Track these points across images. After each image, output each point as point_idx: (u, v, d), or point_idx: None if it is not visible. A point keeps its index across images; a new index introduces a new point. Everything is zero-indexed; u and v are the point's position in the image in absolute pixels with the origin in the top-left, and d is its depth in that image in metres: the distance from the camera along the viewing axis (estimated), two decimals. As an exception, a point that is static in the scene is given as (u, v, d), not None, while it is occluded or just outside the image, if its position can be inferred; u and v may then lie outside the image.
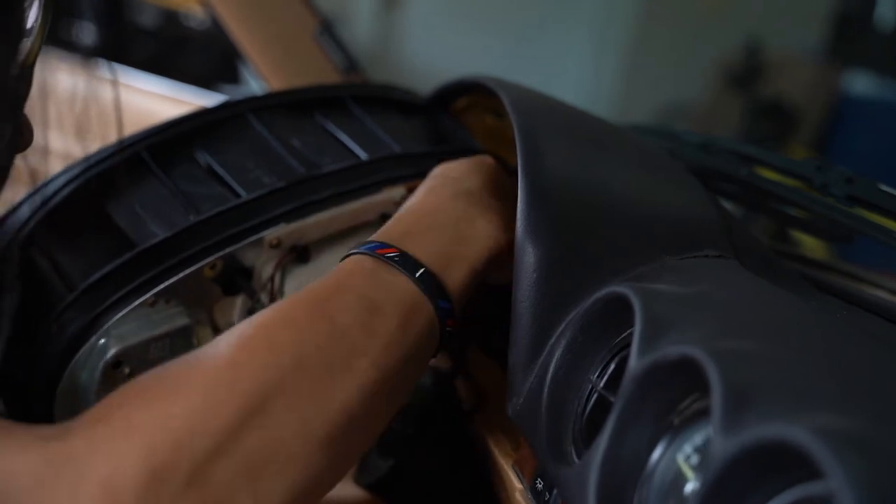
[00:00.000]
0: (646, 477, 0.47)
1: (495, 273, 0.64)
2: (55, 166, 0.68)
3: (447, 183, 0.65)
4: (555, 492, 0.55)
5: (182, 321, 0.64)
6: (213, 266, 0.65)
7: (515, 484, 0.61)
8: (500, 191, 0.67)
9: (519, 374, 0.59)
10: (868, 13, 3.28)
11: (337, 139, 0.77)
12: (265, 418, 0.45)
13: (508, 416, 0.61)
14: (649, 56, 3.17)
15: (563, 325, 0.59)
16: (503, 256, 0.62)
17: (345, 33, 1.24)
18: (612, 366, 0.54)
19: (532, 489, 0.58)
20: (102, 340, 0.62)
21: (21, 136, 0.51)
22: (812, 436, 0.35)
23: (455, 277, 0.58)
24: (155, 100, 1.53)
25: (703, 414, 0.45)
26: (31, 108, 0.51)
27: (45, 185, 0.67)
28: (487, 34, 3.21)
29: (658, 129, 0.99)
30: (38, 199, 0.66)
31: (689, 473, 0.45)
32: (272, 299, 0.68)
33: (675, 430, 0.47)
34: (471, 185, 0.65)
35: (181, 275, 0.63)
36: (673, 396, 0.47)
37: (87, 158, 0.68)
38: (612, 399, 0.50)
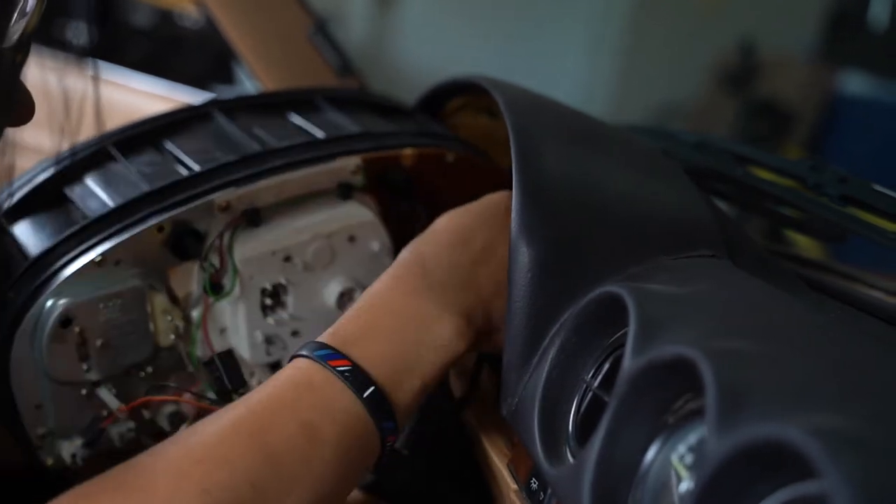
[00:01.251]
0: (640, 477, 0.47)
1: (483, 346, 0.64)
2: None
3: (414, 272, 0.61)
4: (549, 491, 0.55)
5: (132, 282, 0.66)
6: (160, 228, 0.66)
7: (510, 484, 0.61)
8: (490, 252, 0.63)
9: (513, 373, 0.59)
10: (862, 13, 3.28)
11: (301, 128, 0.78)
12: None
13: (503, 415, 0.61)
14: (644, 55, 3.17)
15: (557, 325, 0.59)
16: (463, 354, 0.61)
17: (339, 33, 1.24)
18: (607, 365, 0.55)
19: (527, 489, 0.58)
20: (51, 301, 0.64)
21: (23, 106, 0.51)
22: (806, 435, 0.35)
23: (405, 394, 0.57)
24: (148, 99, 1.53)
25: (697, 413, 0.45)
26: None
27: (15, 181, 0.69)
28: (482, 34, 3.21)
29: (653, 129, 0.99)
30: (5, 193, 0.69)
31: (684, 473, 0.45)
32: (221, 261, 0.69)
33: (669, 430, 0.47)
34: (440, 274, 0.61)
35: (127, 235, 0.65)
36: (667, 396, 0.47)
37: (57, 155, 0.70)
38: (606, 399, 0.50)
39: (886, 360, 0.47)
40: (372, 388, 0.55)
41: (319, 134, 0.76)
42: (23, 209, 0.69)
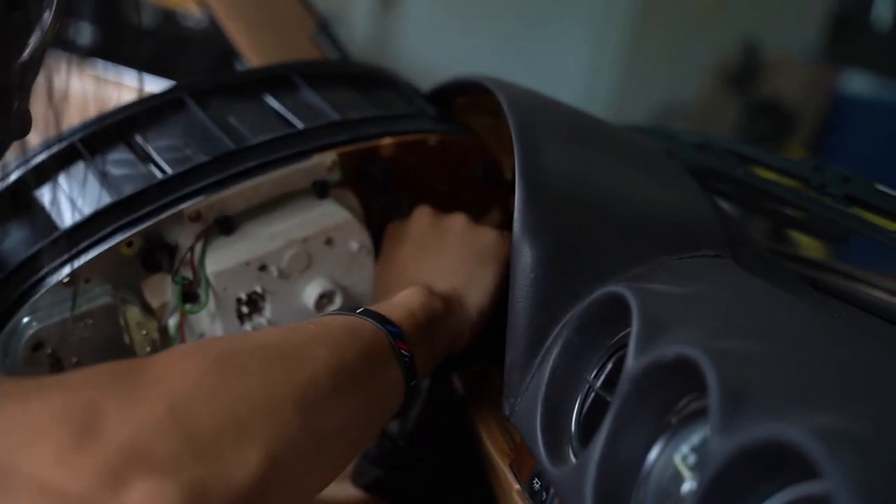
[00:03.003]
0: (643, 477, 0.47)
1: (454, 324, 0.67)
2: None
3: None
4: (552, 492, 0.55)
5: (102, 300, 0.64)
6: (129, 244, 0.64)
7: (512, 484, 0.61)
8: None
9: (516, 374, 0.60)
10: (865, 13, 3.28)
11: (277, 113, 0.75)
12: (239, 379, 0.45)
13: (505, 416, 0.61)
14: (646, 55, 3.17)
15: (560, 325, 0.59)
16: (449, 310, 0.66)
17: (342, 33, 1.24)
18: (610, 366, 0.55)
19: (529, 489, 0.58)
20: (24, 320, 0.62)
21: (23, 123, 0.51)
22: (809, 435, 0.35)
23: (396, 316, 0.61)
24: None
25: (700, 414, 0.45)
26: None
27: None
28: (485, 34, 3.21)
29: (655, 129, 0.99)
30: None
31: (686, 473, 0.45)
32: (194, 273, 0.67)
33: (672, 430, 0.47)
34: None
35: (95, 252, 0.63)
36: (670, 396, 0.47)
37: (24, 155, 0.68)
38: (609, 399, 0.50)
39: (889, 360, 0.47)
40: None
41: (297, 123, 0.73)
42: None
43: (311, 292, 0.71)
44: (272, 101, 0.76)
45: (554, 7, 3.25)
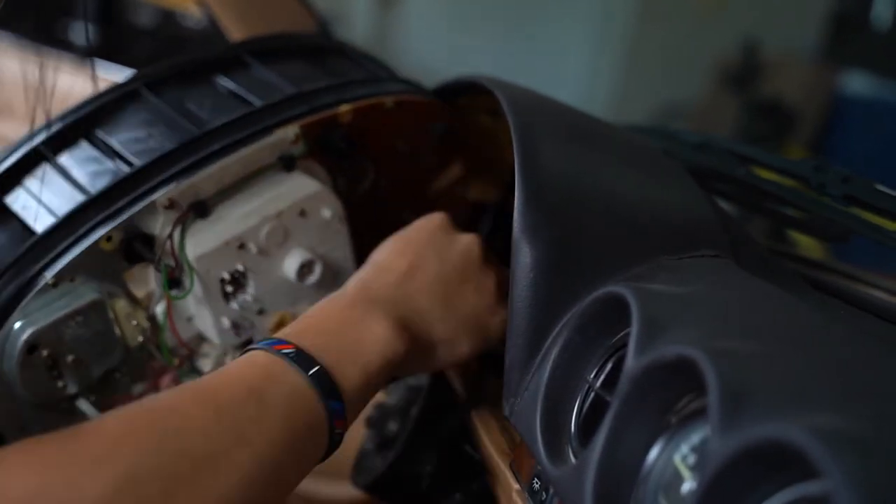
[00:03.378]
0: (643, 477, 0.47)
1: (428, 362, 0.66)
2: None
3: (354, 292, 0.64)
4: (551, 492, 0.55)
5: (90, 296, 0.65)
6: (108, 238, 0.65)
7: (512, 484, 0.61)
8: (415, 270, 0.66)
9: (516, 374, 0.59)
10: (865, 13, 3.28)
11: (233, 94, 0.76)
12: (140, 500, 0.45)
13: (505, 416, 0.61)
14: (646, 55, 3.17)
15: (559, 325, 0.59)
16: (408, 359, 0.62)
17: (342, 32, 1.24)
18: (609, 366, 0.55)
19: (529, 489, 0.58)
20: (17, 325, 0.63)
21: None
22: (809, 435, 0.35)
23: (349, 381, 0.57)
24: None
25: (700, 414, 0.45)
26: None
27: None
28: (484, 33, 3.21)
29: (655, 129, 0.99)
30: None
31: (686, 473, 0.45)
32: (175, 260, 0.68)
33: (672, 430, 0.47)
34: (375, 292, 0.64)
35: (77, 251, 0.64)
36: (670, 396, 0.47)
37: None
38: (608, 399, 0.50)
39: (889, 360, 0.47)
40: (317, 367, 0.56)
41: (254, 101, 0.74)
42: None
43: (291, 264, 0.73)
44: (227, 83, 0.77)
45: (554, 7, 3.25)
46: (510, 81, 0.77)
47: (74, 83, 0.72)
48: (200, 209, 0.69)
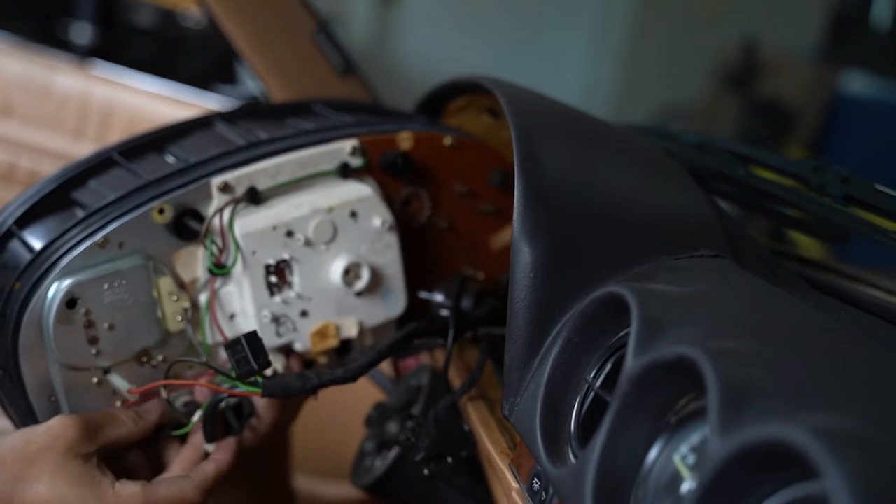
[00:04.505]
0: (642, 476, 0.47)
1: None
2: (51, 167, 0.70)
3: None
4: (551, 491, 0.55)
5: (135, 261, 0.68)
6: (161, 211, 0.68)
7: (512, 483, 0.61)
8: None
9: (516, 373, 0.60)
10: (865, 13, 3.28)
11: (299, 124, 0.80)
12: None
13: (505, 416, 0.61)
14: (646, 56, 3.17)
15: (559, 325, 0.59)
16: None
17: (342, 33, 1.24)
18: (609, 365, 0.55)
19: (528, 489, 0.58)
20: (56, 284, 0.65)
21: None
22: (809, 435, 0.35)
23: None
24: (152, 100, 1.53)
25: (699, 413, 0.45)
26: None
27: (24, 192, 0.71)
28: (485, 34, 3.21)
29: (655, 129, 0.99)
30: (19, 199, 0.70)
31: (686, 473, 0.45)
32: (223, 238, 0.70)
33: (671, 430, 0.47)
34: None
35: (129, 217, 0.67)
36: (669, 396, 0.47)
37: (66, 166, 0.72)
38: (608, 399, 0.50)
39: (889, 360, 0.47)
40: None
41: (311, 127, 0.78)
42: (32, 215, 0.70)
43: (337, 265, 0.75)
44: (294, 121, 0.81)
45: (554, 7, 3.25)
46: (510, 81, 0.77)
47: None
48: (254, 196, 0.72)
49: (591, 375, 0.55)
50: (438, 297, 0.79)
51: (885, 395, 0.43)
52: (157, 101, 1.54)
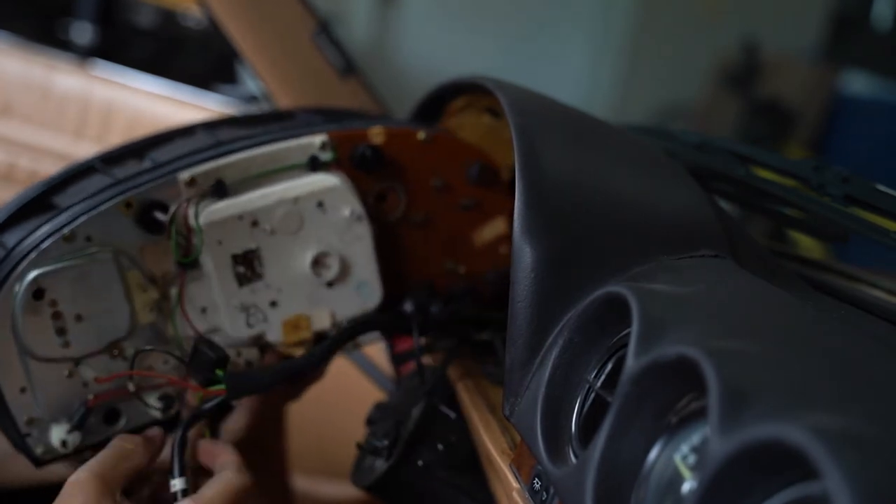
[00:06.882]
0: (643, 477, 0.47)
1: None
2: (51, 167, 0.71)
3: None
4: (552, 492, 0.55)
5: (101, 255, 0.68)
6: (128, 205, 0.69)
7: (513, 483, 0.61)
8: None
9: (516, 373, 0.60)
10: (865, 13, 3.28)
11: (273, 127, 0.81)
12: None
13: (505, 416, 0.61)
14: (647, 56, 3.17)
15: (560, 325, 0.59)
16: None
17: (342, 33, 1.24)
18: (610, 365, 0.55)
19: (529, 489, 0.58)
20: (24, 276, 0.66)
21: None
22: (809, 435, 0.35)
23: None
24: (152, 100, 1.53)
25: (700, 413, 0.45)
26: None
27: (7, 202, 0.72)
28: (485, 34, 3.21)
29: (655, 129, 0.99)
30: (3, 208, 0.72)
31: (687, 473, 0.45)
32: (188, 229, 0.71)
33: (672, 430, 0.47)
34: None
35: (95, 212, 0.68)
36: (670, 396, 0.47)
37: (49, 177, 0.74)
38: (609, 399, 0.50)
39: (889, 360, 0.47)
40: None
41: (289, 125, 0.79)
42: (13, 220, 0.71)
43: (306, 255, 0.75)
44: (272, 125, 0.81)
45: (554, 7, 3.25)
46: (511, 81, 0.77)
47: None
48: (220, 189, 0.72)
49: (592, 375, 0.55)
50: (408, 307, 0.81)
51: (886, 395, 0.43)
52: (157, 101, 1.54)
